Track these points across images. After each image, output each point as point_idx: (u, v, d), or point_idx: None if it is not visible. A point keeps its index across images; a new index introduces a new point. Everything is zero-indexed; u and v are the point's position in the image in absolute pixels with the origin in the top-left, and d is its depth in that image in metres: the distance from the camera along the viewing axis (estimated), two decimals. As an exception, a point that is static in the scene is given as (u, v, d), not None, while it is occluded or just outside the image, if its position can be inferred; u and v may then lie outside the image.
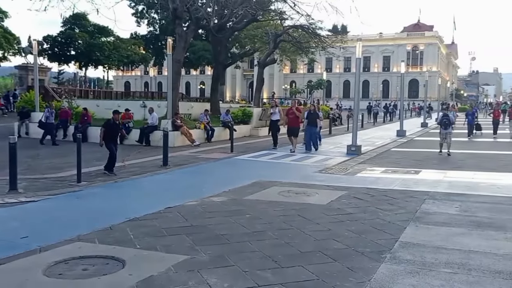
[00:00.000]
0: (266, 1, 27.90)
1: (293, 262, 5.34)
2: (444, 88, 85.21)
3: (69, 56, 50.88)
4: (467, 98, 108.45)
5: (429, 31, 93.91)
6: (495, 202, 8.48)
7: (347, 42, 36.27)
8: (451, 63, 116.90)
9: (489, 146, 19.48)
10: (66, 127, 20.72)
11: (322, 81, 46.89)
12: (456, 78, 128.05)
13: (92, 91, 47.75)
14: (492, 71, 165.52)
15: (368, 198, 8.87)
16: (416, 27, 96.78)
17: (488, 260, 5.38)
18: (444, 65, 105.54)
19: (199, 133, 19.99)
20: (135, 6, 52.81)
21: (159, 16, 50.86)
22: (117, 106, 22.86)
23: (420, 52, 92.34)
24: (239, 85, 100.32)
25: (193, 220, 7.21)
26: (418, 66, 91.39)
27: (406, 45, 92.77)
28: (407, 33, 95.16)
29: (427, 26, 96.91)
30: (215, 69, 29.76)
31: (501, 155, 16.42)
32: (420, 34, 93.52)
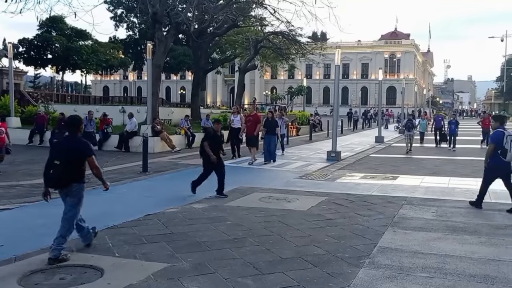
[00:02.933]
0: (247, 7, 27.99)
1: (274, 268, 5.36)
2: (420, 95, 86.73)
3: (45, 59, 49.97)
4: (442, 105, 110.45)
5: (406, 39, 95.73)
6: (470, 207, 8.67)
7: (327, 49, 36.64)
8: (427, 70, 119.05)
9: (464, 153, 19.86)
10: (42, 133, 20.39)
11: (302, 87, 47.15)
12: (432, 86, 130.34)
13: (69, 95, 47.06)
14: (467, 79, 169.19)
15: (347, 204, 8.97)
16: (393, 35, 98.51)
17: (463, 264, 5.50)
18: (421, 73, 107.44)
19: (180, 138, 19.90)
20: (114, 9, 52.38)
21: (139, 20, 50.57)
22: (96, 111, 22.73)
23: (397, 59, 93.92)
24: (220, 90, 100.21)
25: (173, 227, 7.17)
26: (396, 73, 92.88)
27: (383, 53, 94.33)
28: (384, 41, 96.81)
29: (404, 34, 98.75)
30: (196, 74, 29.72)
31: (474, 161, 16.75)
32: (397, 42, 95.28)
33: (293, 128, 29.72)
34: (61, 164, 5.50)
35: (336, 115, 18.29)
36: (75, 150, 5.65)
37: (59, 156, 5.56)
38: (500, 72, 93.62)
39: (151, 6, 21.05)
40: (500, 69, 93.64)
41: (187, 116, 21.92)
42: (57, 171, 5.51)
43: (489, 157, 8.52)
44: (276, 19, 25.80)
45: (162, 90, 70.87)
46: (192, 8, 22.63)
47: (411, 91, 75.25)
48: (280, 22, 26.37)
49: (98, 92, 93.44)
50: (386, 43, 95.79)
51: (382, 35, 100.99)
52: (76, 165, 5.63)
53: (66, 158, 5.53)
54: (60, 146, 5.86)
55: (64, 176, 5.53)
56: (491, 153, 8.49)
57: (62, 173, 5.50)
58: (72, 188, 5.65)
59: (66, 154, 5.56)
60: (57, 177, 5.53)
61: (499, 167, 8.47)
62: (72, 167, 5.57)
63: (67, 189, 5.64)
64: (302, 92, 47.12)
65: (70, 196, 5.67)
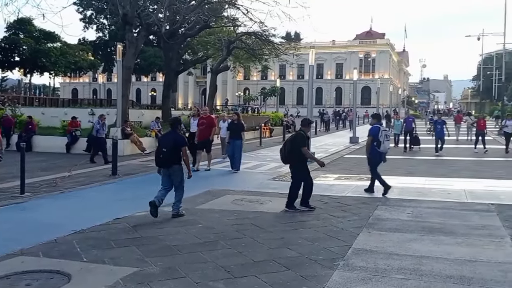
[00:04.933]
0: (219, 7, 27.75)
1: (246, 271, 5.24)
2: (396, 95, 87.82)
3: (13, 62, 48.86)
4: (418, 104, 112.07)
5: (381, 39, 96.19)
6: (446, 207, 8.68)
7: (300, 49, 36.69)
8: (402, 70, 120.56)
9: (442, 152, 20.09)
10: (9, 136, 19.73)
11: (275, 88, 47.16)
12: (407, 85, 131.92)
13: (37, 98, 46.06)
14: (443, 78, 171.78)
15: (321, 205, 8.87)
16: (368, 35, 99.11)
17: (439, 265, 5.44)
18: (396, 72, 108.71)
19: (150, 141, 19.54)
20: (83, 11, 51.43)
21: (109, 22, 49.74)
22: (64, 114, 22.17)
23: (372, 59, 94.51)
24: (191, 92, 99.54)
25: (143, 231, 6.99)
26: (371, 73, 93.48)
27: (358, 53, 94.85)
28: (359, 40, 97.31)
29: (379, 34, 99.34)
30: (167, 75, 29.28)
31: (451, 161, 16.98)
32: (372, 41, 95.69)
33: (266, 129, 29.67)
34: (167, 151, 7.71)
35: (310, 115, 18.22)
36: (176, 141, 7.79)
37: (166, 146, 7.76)
38: (476, 71, 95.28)
39: (121, 7, 20.63)
40: (476, 68, 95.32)
41: (158, 118, 21.58)
42: (164, 156, 7.73)
43: (369, 148, 10.01)
44: (249, 20, 25.62)
45: (132, 92, 69.85)
46: (163, 9, 22.30)
47: (386, 91, 76.04)
48: (253, 23, 26.22)
49: (66, 95, 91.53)
50: (360, 43, 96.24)
51: (357, 35, 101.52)
52: (177, 152, 7.77)
53: (172, 146, 7.73)
54: (167, 138, 8.02)
55: (169, 160, 7.75)
56: (370, 144, 9.99)
57: (167, 157, 7.74)
58: (174, 168, 7.80)
59: (172, 144, 7.73)
60: (164, 160, 7.78)
61: (377, 156, 9.99)
62: (174, 153, 7.74)
63: (171, 169, 7.79)
64: (276, 93, 47.10)
65: (173, 175, 7.85)
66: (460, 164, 15.96)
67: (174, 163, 7.79)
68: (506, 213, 8.16)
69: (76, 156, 16.56)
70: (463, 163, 16.11)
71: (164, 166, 7.87)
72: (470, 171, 14.08)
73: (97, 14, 50.63)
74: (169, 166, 7.80)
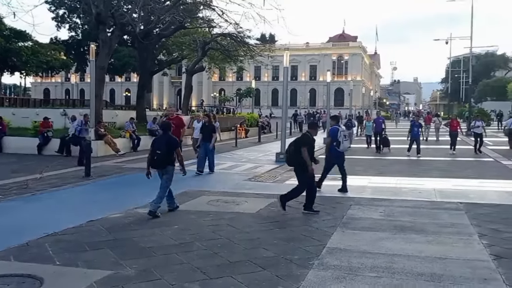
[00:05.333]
0: (194, 8, 27.66)
1: (222, 272, 5.25)
2: (368, 96, 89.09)
3: (-19, 61, 47.42)
4: (389, 106, 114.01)
5: (353, 42, 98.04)
6: (417, 206, 8.88)
7: (275, 51, 36.84)
8: (374, 72, 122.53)
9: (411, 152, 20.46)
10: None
11: (251, 89, 47.26)
12: (379, 87, 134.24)
13: (7, 98, 44.93)
14: (413, 81, 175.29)
15: (296, 206, 8.92)
16: (341, 38, 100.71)
17: (411, 263, 5.57)
18: (368, 75, 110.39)
19: (125, 142, 19.34)
20: (56, 10, 50.40)
21: (82, 21, 48.90)
22: (36, 115, 21.70)
23: (345, 61, 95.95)
24: (166, 92, 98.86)
25: (117, 233, 6.91)
26: (343, 75, 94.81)
27: (331, 55, 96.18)
28: (332, 43, 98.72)
29: (351, 37, 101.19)
30: (141, 76, 29.01)
31: (422, 161, 17.33)
32: (345, 44, 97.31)
33: (242, 130, 29.71)
34: (161, 153, 8.05)
35: (285, 116, 18.36)
36: (170, 143, 8.20)
37: (160, 148, 8.12)
38: (445, 73, 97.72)
39: (95, 6, 20.34)
40: (445, 71, 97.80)
41: (132, 118, 21.36)
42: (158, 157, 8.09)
43: (329, 148, 10.60)
44: (224, 21, 25.68)
45: (106, 92, 68.92)
46: (138, 9, 22.07)
47: (359, 92, 77.15)
48: (228, 24, 26.29)
49: (38, 95, 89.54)
50: (334, 46, 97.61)
51: (330, 38, 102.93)
52: (170, 153, 8.16)
53: (165, 148, 8.10)
54: (160, 141, 8.33)
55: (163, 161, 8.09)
56: (330, 145, 10.53)
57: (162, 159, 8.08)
58: (167, 168, 8.16)
59: (164, 146, 8.11)
60: (159, 162, 8.11)
61: (337, 155, 10.52)
62: (168, 155, 8.10)
63: (164, 169, 8.16)
64: (251, 94, 47.20)
65: (165, 174, 8.19)
66: (431, 164, 16.31)
67: (168, 164, 8.18)
68: (474, 211, 8.40)
69: (48, 158, 16.24)
70: (433, 163, 16.48)
71: (159, 167, 8.24)
72: (440, 171, 14.42)
73: (69, 13, 49.70)
74: (164, 167, 8.17)
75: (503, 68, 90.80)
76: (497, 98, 74.23)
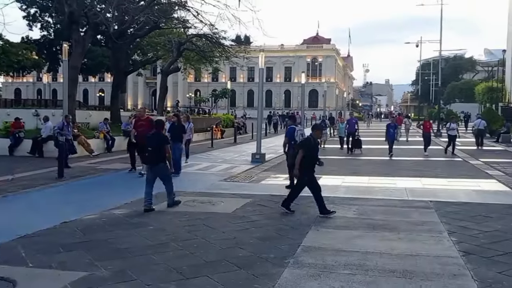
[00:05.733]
0: (169, 9, 27.47)
1: (198, 272, 5.26)
2: (341, 98, 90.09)
3: (-51, 61, 46.01)
4: (362, 107, 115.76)
5: (327, 44, 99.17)
6: (389, 205, 9.08)
7: (251, 53, 36.93)
8: (347, 74, 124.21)
9: (382, 153, 20.82)
10: None
11: (226, 90, 47.24)
12: (352, 89, 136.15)
13: (-23, 98, 43.67)
14: (384, 83, 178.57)
15: (272, 205, 9.03)
16: (315, 40, 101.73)
17: (383, 260, 5.70)
18: (341, 76, 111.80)
19: (98, 142, 19.11)
20: (27, 8, 49.26)
21: (54, 20, 47.93)
22: (7, 115, 21.21)
23: (319, 63, 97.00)
24: (141, 93, 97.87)
25: (92, 234, 6.86)
26: (318, 77, 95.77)
27: (306, 57, 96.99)
28: (306, 45, 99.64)
29: (325, 39, 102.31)
30: (115, 76, 28.66)
31: (393, 161, 17.65)
32: (319, 46, 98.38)
33: (217, 130, 29.69)
34: (153, 150, 8.56)
35: (260, 117, 18.45)
36: (160, 140, 8.62)
37: (152, 145, 8.60)
38: (415, 76, 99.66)
39: (68, 5, 20.02)
40: (415, 73, 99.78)
41: (106, 119, 21.10)
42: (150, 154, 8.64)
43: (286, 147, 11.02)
44: (200, 22, 25.58)
45: (79, 93, 67.69)
46: (112, 8, 21.83)
47: (333, 94, 78.05)
48: (204, 25, 26.20)
49: (9, 95, 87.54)
50: (308, 48, 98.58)
51: (304, 40, 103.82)
52: (161, 150, 8.49)
53: (157, 145, 8.54)
54: (152, 138, 8.76)
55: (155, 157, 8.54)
56: (287, 144, 10.91)
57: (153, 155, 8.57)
58: (159, 165, 8.53)
59: (156, 143, 8.56)
60: (150, 158, 8.66)
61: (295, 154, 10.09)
62: (159, 152, 8.48)
63: (156, 166, 8.53)
64: (226, 95, 47.18)
65: (159, 172, 8.58)
66: (402, 164, 16.63)
67: (159, 161, 8.57)
68: (443, 209, 8.65)
69: (19, 159, 15.95)
70: (405, 163, 16.81)
71: (151, 163, 8.75)
72: (411, 171, 14.73)
73: (41, 12, 48.59)
74: (156, 163, 8.60)
75: (471, 71, 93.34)
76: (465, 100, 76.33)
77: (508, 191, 10.96)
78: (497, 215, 8.21)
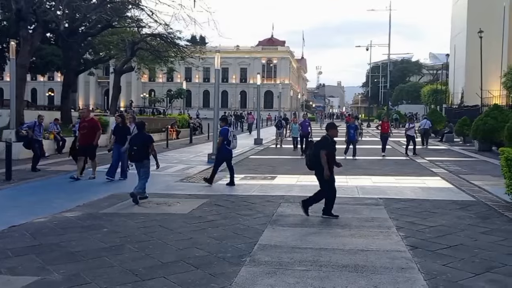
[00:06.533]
0: (122, 7, 26.97)
1: (154, 273, 5.24)
2: (295, 99, 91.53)
3: None
4: (315, 108, 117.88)
5: (281, 46, 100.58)
6: (341, 202, 9.28)
7: (206, 53, 36.83)
8: (301, 76, 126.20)
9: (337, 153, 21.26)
10: None
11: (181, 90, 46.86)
12: (306, 90, 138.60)
13: None
14: (336, 85, 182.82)
15: (228, 205, 9.09)
16: (270, 42, 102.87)
17: (336, 256, 5.88)
18: (295, 78, 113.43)
19: (49, 144, 18.50)
20: (-30, 4, 47.09)
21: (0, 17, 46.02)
22: None
23: (274, 65, 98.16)
24: (93, 92, 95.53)
25: (43, 238, 6.67)
26: (273, 78, 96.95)
27: (261, 58, 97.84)
28: (262, 47, 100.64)
29: (280, 41, 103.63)
30: (66, 75, 27.84)
31: (343, 160, 18.04)
32: (274, 48, 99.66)
33: (173, 131, 29.42)
34: (138, 149, 9.36)
35: (216, 118, 18.44)
36: (144, 140, 9.53)
37: (136, 144, 9.43)
38: (365, 78, 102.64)
39: (15, 2, 19.32)
40: (365, 75, 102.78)
41: (56, 119, 20.46)
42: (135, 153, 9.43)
43: (219, 147, 11.76)
44: (154, 21, 25.34)
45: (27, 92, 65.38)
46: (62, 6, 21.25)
47: (287, 95, 79.14)
48: (158, 25, 25.98)
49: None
50: (263, 49, 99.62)
51: (259, 41, 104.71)
52: (146, 149, 9.41)
53: (141, 144, 9.41)
54: (136, 138, 9.68)
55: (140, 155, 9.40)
56: (221, 143, 11.62)
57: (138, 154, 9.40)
58: (144, 162, 9.45)
59: (140, 142, 9.43)
60: (136, 156, 9.45)
61: (227, 153, 11.63)
62: (143, 150, 9.40)
63: (141, 163, 9.44)
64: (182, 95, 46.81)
65: (142, 168, 9.46)
66: (353, 163, 17.09)
67: (144, 158, 9.44)
68: (392, 206, 9.01)
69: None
70: (356, 162, 17.29)
71: (136, 161, 9.54)
72: (361, 169, 15.21)
73: (-14, 8, 46.56)
74: (141, 160, 9.44)
75: (417, 74, 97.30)
76: (412, 102, 79.40)
77: (451, 187, 11.50)
78: (441, 210, 8.62)
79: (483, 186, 11.39)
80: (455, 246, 6.36)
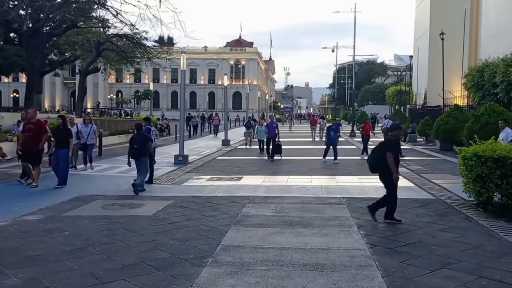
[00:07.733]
0: (87, 7, 26.56)
1: (116, 276, 5.22)
2: (264, 100, 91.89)
3: None
4: (283, 109, 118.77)
5: (249, 47, 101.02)
6: (305, 202, 9.49)
7: (173, 54, 36.56)
8: (269, 77, 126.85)
9: (300, 153, 21.52)
10: None
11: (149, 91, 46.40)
12: (274, 91, 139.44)
13: None
14: (304, 86, 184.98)
15: (193, 206, 9.10)
16: (238, 43, 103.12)
17: (297, 255, 5.99)
18: (264, 79, 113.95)
19: (12, 146, 18.03)
20: None
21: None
22: None
23: (242, 66, 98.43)
24: (59, 93, 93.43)
25: (2, 242, 6.55)
26: (241, 79, 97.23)
27: (229, 59, 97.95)
28: (230, 48, 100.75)
29: (247, 43, 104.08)
30: (30, 76, 27.22)
31: (309, 160, 18.33)
32: (242, 49, 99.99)
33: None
34: (138, 147, 10.71)
35: (182, 119, 18.41)
36: (144, 139, 10.94)
37: (137, 143, 10.74)
38: (332, 79, 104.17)
39: (-26, 0, 18.78)
40: (332, 77, 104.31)
41: (19, 121, 19.95)
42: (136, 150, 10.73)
43: None
44: (120, 22, 25.08)
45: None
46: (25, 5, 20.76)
47: (255, 96, 79.29)
48: (124, 25, 25.75)
49: None
50: (231, 50, 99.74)
51: (227, 43, 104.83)
52: (144, 147, 10.79)
53: (141, 143, 10.75)
54: (137, 138, 10.96)
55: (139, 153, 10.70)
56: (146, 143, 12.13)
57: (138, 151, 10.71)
58: (142, 159, 10.75)
59: (140, 141, 10.79)
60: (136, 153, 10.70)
61: None
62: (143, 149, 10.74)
63: (140, 159, 10.72)
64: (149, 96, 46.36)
65: (141, 164, 10.76)
66: (318, 163, 17.28)
67: (143, 155, 10.73)
68: (354, 205, 9.22)
69: None
70: (321, 162, 17.44)
71: (136, 157, 10.73)
72: (327, 169, 15.46)
73: None
74: (140, 157, 10.69)
75: (382, 75, 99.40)
76: (377, 102, 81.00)
77: (412, 186, 11.80)
78: (401, 209, 8.81)
79: (443, 185, 11.75)
80: (413, 243, 6.56)
